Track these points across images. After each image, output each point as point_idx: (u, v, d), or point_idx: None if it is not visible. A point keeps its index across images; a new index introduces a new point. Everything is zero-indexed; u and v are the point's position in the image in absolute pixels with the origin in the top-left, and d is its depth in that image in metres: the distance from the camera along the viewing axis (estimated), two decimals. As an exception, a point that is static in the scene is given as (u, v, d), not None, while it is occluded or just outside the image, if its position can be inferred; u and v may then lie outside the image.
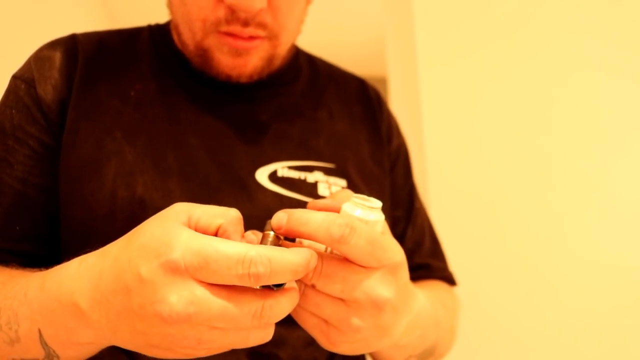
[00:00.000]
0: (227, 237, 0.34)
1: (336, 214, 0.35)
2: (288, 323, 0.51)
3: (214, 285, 0.31)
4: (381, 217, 0.38)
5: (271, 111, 0.59)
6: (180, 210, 0.33)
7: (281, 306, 0.33)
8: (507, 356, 1.20)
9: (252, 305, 0.31)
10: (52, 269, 0.39)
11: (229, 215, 0.34)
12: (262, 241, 0.36)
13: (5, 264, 0.49)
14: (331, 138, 0.61)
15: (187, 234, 0.31)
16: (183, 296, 0.30)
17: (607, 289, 1.22)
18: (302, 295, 0.37)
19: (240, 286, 0.31)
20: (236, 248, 0.30)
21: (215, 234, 0.34)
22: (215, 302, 0.30)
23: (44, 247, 0.53)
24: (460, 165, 1.24)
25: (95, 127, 0.52)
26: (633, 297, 1.21)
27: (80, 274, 0.35)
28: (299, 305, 0.37)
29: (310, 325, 0.39)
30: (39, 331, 0.37)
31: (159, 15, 0.69)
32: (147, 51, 0.59)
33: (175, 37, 0.60)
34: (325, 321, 0.38)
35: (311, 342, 0.53)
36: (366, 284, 0.35)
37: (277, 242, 0.36)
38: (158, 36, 0.61)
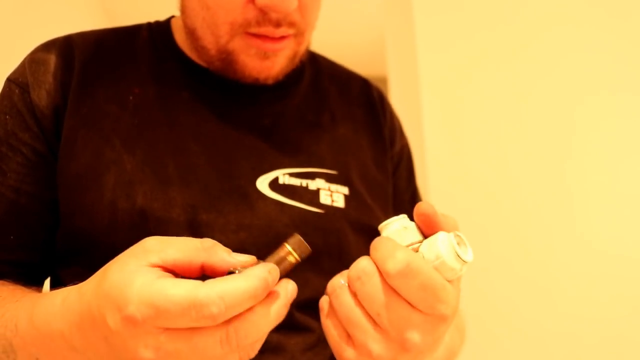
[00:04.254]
0: (215, 273, 0.33)
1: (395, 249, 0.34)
2: (286, 329, 0.50)
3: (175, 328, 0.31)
4: (463, 269, 0.35)
5: (273, 115, 0.58)
6: (149, 249, 0.32)
7: (252, 324, 0.31)
8: (512, 351, 1.20)
9: (216, 334, 0.31)
10: (37, 301, 0.39)
11: (210, 250, 0.33)
12: (278, 261, 0.35)
13: None
14: (333, 143, 0.60)
15: (140, 281, 0.30)
16: (149, 345, 0.30)
17: (612, 281, 1.21)
18: (334, 295, 0.36)
19: None
20: (184, 292, 0.29)
21: (201, 270, 0.33)
22: (181, 343, 0.30)
23: (39, 256, 0.52)
24: (460, 165, 1.24)
25: (94, 135, 0.51)
26: (630, 291, 1.21)
27: (63, 315, 0.35)
28: (331, 297, 0.37)
29: (331, 333, 0.38)
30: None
31: (158, 13, 0.68)
32: (146, 51, 0.58)
33: (177, 38, 0.59)
34: (348, 336, 0.37)
35: (310, 348, 0.52)
36: (405, 323, 0.34)
37: (290, 265, 0.35)
38: (158, 35, 0.59)
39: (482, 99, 1.27)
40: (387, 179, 0.63)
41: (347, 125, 0.63)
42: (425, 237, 0.37)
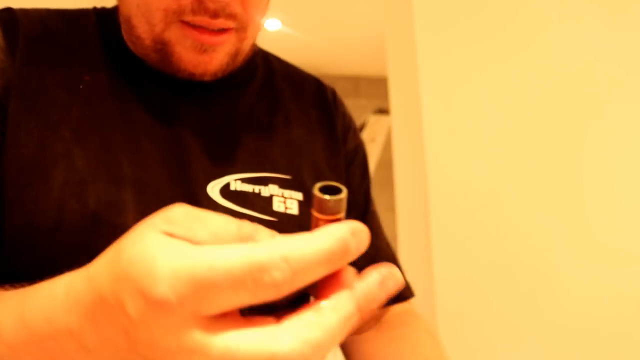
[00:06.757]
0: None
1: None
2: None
3: (218, 320, 0.23)
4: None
5: (225, 117, 0.56)
6: (175, 221, 0.26)
7: (324, 334, 0.22)
8: (511, 353, 1.20)
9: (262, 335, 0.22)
10: (27, 297, 0.32)
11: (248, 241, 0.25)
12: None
13: None
14: (287, 146, 0.58)
15: (167, 253, 0.23)
16: (183, 347, 0.23)
17: (608, 287, 1.21)
18: None
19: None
20: (237, 254, 0.22)
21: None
22: (220, 342, 0.22)
23: None
24: (460, 165, 1.24)
25: (39, 123, 0.46)
26: (634, 296, 1.21)
27: (70, 309, 0.28)
28: None
29: None
30: None
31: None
32: (95, 38, 0.54)
33: (122, 31, 0.54)
34: None
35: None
36: None
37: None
38: (105, 24, 0.55)
39: (482, 99, 1.26)
40: (341, 182, 0.62)
41: (301, 126, 0.61)
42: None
